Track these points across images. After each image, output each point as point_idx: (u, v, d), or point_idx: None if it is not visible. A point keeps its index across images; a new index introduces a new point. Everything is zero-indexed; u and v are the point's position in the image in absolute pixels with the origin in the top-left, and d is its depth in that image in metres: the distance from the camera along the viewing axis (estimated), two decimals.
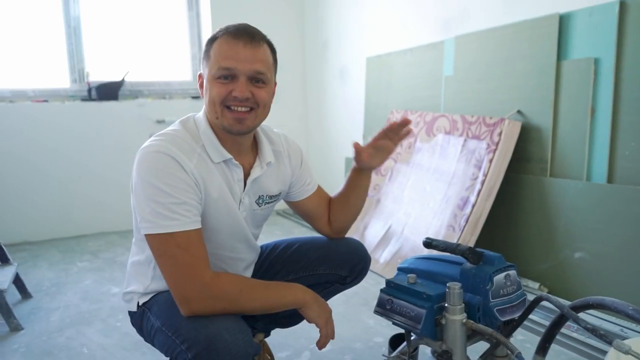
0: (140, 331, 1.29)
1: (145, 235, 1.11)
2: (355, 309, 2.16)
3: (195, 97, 3.81)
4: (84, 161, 3.45)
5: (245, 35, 1.16)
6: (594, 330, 0.94)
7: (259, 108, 1.19)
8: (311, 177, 1.47)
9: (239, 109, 1.16)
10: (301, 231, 3.52)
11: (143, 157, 1.12)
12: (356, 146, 1.36)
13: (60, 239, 3.42)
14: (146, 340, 1.28)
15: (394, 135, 1.37)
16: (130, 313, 1.31)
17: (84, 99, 3.50)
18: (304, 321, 1.63)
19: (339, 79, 3.79)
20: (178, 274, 1.08)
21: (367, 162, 1.39)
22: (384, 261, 2.60)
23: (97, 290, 2.46)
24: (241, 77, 1.15)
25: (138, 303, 1.25)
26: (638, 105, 1.90)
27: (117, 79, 3.60)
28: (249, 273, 1.44)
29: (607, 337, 0.91)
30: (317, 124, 4.13)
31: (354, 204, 1.47)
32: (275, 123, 1.49)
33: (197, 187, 1.15)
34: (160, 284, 1.23)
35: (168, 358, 1.14)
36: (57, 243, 3.33)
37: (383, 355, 1.40)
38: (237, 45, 1.15)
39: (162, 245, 1.09)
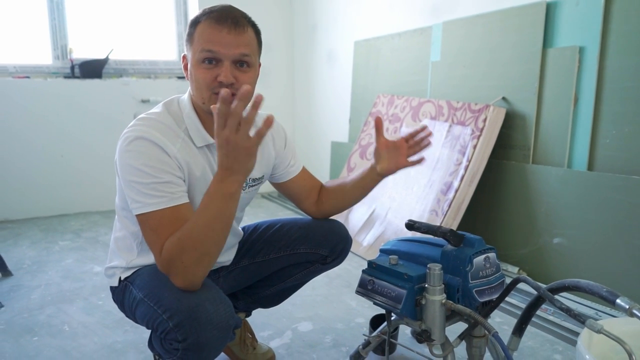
0: (121, 306, 1.30)
1: (136, 215, 1.12)
2: (337, 290, 2.18)
3: (181, 77, 3.77)
4: (67, 140, 3.41)
5: (229, 20, 1.15)
6: (568, 311, 0.97)
7: None
8: (295, 159, 1.47)
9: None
10: (285, 214, 3.53)
11: (126, 142, 1.12)
12: (378, 122, 1.35)
13: (42, 218, 3.38)
14: (127, 316, 1.29)
15: (414, 144, 1.38)
16: (111, 289, 1.31)
17: (66, 76, 3.44)
18: (286, 301, 1.66)
19: (327, 62, 3.77)
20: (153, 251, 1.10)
21: (381, 151, 1.37)
22: (367, 244, 2.62)
23: (79, 269, 2.45)
24: (225, 61, 1.15)
25: (120, 278, 1.26)
26: (620, 95, 1.93)
27: (101, 56, 3.53)
28: (230, 256, 1.45)
29: (580, 317, 0.94)
30: (304, 107, 4.12)
31: (348, 200, 1.47)
32: (263, 105, 1.48)
33: (181, 170, 1.16)
34: (145, 259, 1.25)
35: (150, 330, 1.15)
36: (38, 222, 3.30)
37: (364, 335, 1.42)
38: (221, 31, 1.14)
39: (143, 223, 1.11)
